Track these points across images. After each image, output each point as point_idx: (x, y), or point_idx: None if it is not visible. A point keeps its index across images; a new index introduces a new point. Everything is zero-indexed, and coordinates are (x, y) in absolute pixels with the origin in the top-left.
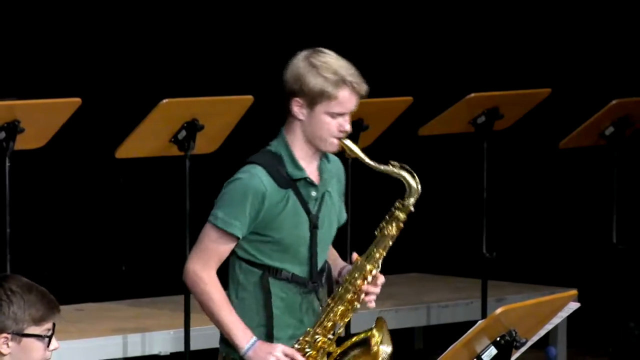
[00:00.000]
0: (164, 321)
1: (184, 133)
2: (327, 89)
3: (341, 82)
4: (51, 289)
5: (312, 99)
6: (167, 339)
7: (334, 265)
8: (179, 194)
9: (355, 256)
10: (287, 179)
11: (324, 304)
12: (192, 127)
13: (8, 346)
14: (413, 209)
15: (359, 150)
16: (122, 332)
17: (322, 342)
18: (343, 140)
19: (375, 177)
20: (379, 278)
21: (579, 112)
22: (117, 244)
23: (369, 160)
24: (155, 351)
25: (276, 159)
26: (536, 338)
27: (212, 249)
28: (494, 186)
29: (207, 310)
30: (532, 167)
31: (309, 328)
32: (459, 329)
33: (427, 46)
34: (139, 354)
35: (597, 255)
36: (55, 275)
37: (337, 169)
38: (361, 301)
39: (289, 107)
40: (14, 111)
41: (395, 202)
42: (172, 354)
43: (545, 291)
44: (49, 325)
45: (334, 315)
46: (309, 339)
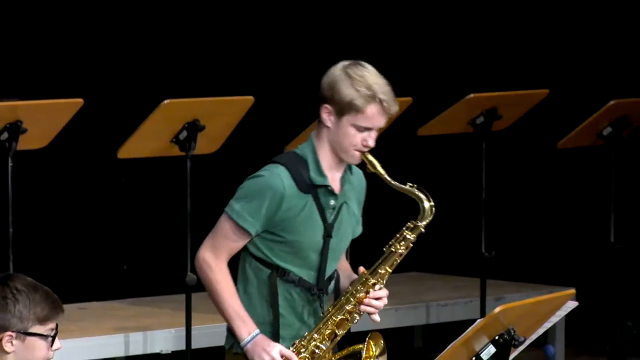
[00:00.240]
0: (165, 320)
1: (185, 133)
2: (356, 102)
3: (372, 98)
4: (54, 287)
5: (341, 109)
6: (169, 338)
7: (347, 277)
8: (180, 194)
9: (361, 269)
10: (309, 183)
11: (325, 311)
12: (193, 128)
13: (12, 344)
14: (424, 230)
15: (380, 166)
16: (124, 331)
17: (317, 347)
18: (366, 155)
19: (390, 194)
20: (381, 294)
21: (576, 113)
22: (119, 243)
23: (388, 178)
24: (156, 350)
25: (301, 162)
26: (535, 336)
27: (225, 240)
28: (492, 186)
29: (213, 298)
30: (531, 167)
31: (307, 332)
32: (458, 327)
33: (427, 47)
34: (141, 352)
35: (595, 254)
36: (58, 274)
37: (359, 182)
38: (361, 314)
39: (319, 113)
40: (17, 111)
41: (408, 223)
42: (174, 353)
43: (544, 290)
44: (52, 325)
45: (332, 323)
46: (304, 342)
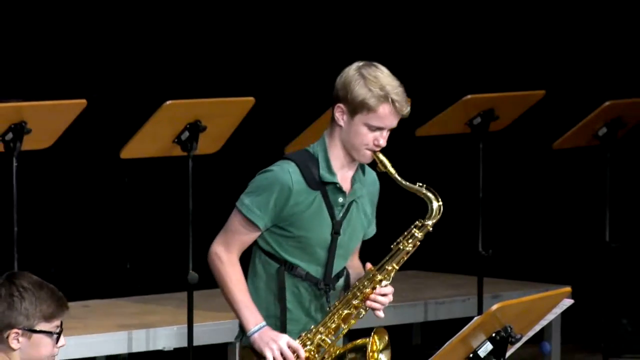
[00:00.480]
0: (167, 317)
1: (186, 134)
2: (368, 101)
3: (384, 97)
4: (58, 285)
5: (353, 108)
6: (171, 335)
7: (357, 275)
8: (182, 194)
9: (368, 266)
10: (318, 180)
11: (332, 306)
12: (195, 128)
13: (18, 341)
14: (431, 229)
15: (391, 166)
16: (127, 328)
17: (322, 341)
18: (377, 154)
19: (399, 193)
20: (387, 290)
21: (572, 114)
22: (122, 242)
23: (399, 177)
24: (159, 346)
25: (312, 159)
26: (531, 334)
27: (235, 233)
28: (489, 186)
29: (223, 290)
30: (527, 167)
31: (313, 326)
32: (455, 325)
33: (425, 49)
34: (144, 349)
35: (590, 253)
36: (62, 273)
37: (373, 184)
38: (367, 310)
39: (333, 112)
40: (21, 112)
41: (416, 221)
42: (176, 350)
43: (540, 288)
44: (58, 322)
45: (338, 317)
46: (310, 336)
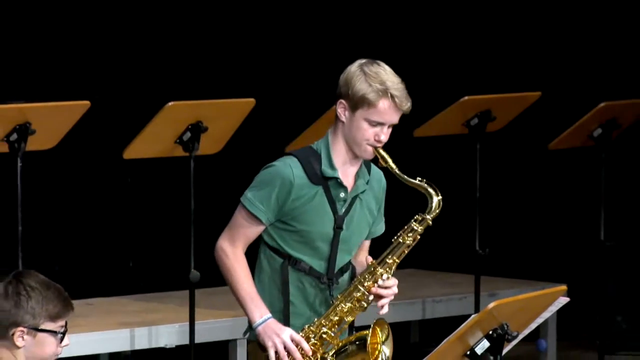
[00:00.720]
0: (169, 315)
1: (188, 134)
2: (368, 96)
3: (384, 93)
4: (61, 283)
5: (354, 103)
6: (173, 332)
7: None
8: (184, 193)
9: (369, 259)
10: (319, 175)
11: (335, 299)
12: (197, 129)
13: (23, 339)
14: (431, 224)
15: (392, 161)
16: (130, 326)
17: (325, 333)
18: (378, 149)
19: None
20: (390, 283)
21: (568, 115)
22: (125, 241)
23: (399, 172)
24: (161, 344)
25: (315, 155)
26: (527, 331)
27: (240, 228)
28: (486, 186)
29: (229, 284)
30: (523, 168)
31: (316, 319)
32: (453, 322)
33: (423, 51)
34: (146, 346)
35: (585, 251)
36: (66, 271)
37: (378, 182)
38: (370, 303)
39: (336, 109)
40: (25, 113)
41: (416, 215)
42: (178, 347)
43: (536, 286)
44: (62, 322)
45: (340, 310)
46: (314, 328)
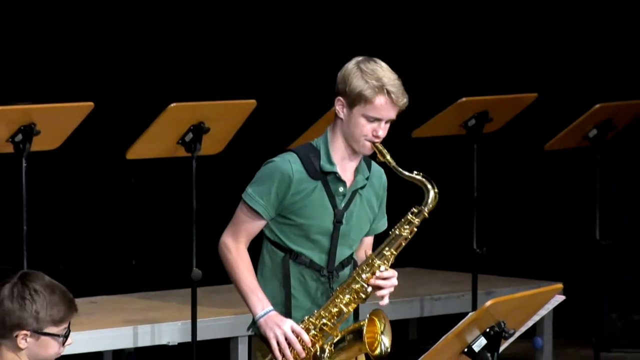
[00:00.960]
0: (172, 313)
1: (190, 135)
2: (365, 92)
3: (380, 89)
4: (66, 282)
5: (352, 100)
6: (175, 330)
7: None
8: (186, 193)
9: (368, 252)
10: (318, 170)
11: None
12: (199, 130)
13: (26, 341)
14: (427, 216)
15: (389, 156)
16: (133, 324)
17: (325, 325)
18: (376, 144)
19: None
20: (389, 274)
21: (563, 116)
22: (128, 240)
23: (396, 166)
24: (164, 341)
25: (314, 151)
26: (524, 329)
27: (242, 223)
28: (483, 185)
29: (232, 278)
30: (520, 168)
31: (316, 311)
32: (451, 320)
33: (421, 53)
34: (149, 344)
35: (581, 250)
36: (70, 270)
37: (378, 179)
38: (369, 294)
39: (334, 106)
40: (30, 114)
41: (412, 208)
42: (180, 344)
43: (533, 285)
44: (66, 325)
45: (339, 302)
46: (313, 320)
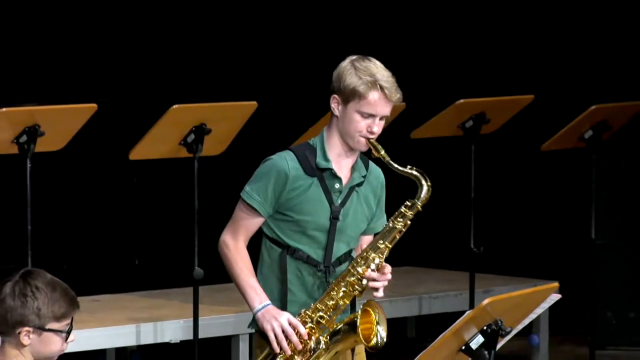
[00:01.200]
0: (174, 311)
1: (192, 136)
2: (358, 88)
3: (373, 85)
4: (69, 281)
5: (346, 97)
6: (178, 328)
7: None
8: (188, 193)
9: (364, 246)
10: (314, 167)
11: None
12: (200, 131)
13: (29, 338)
14: (421, 209)
15: (384, 151)
16: (136, 322)
17: (322, 317)
18: (371, 140)
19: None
20: (385, 268)
21: (560, 117)
22: (131, 239)
23: (391, 161)
24: (166, 339)
25: (310, 149)
26: (520, 327)
27: (240, 220)
28: (481, 186)
29: (231, 275)
30: (517, 168)
31: (312, 304)
32: (448, 318)
33: (419, 55)
34: (152, 341)
35: (576, 249)
36: (74, 269)
37: (376, 178)
38: (364, 288)
39: (330, 104)
40: (35, 116)
41: (406, 201)
42: (182, 342)
43: (529, 283)
44: (68, 321)
45: (335, 294)
46: (309, 313)
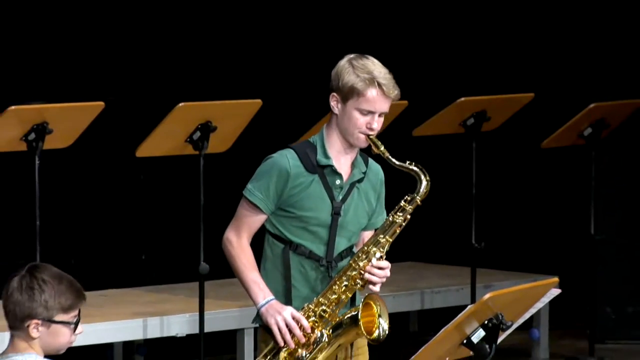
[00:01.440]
0: (180, 306)
1: (198, 134)
2: (357, 86)
3: (371, 82)
4: (77, 276)
5: (345, 95)
6: (184, 322)
7: None
8: (194, 190)
9: (365, 241)
10: (315, 164)
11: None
12: (206, 129)
13: (38, 330)
14: (420, 203)
15: (383, 147)
16: (142, 316)
17: (324, 311)
18: (370, 137)
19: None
20: (384, 264)
21: (559, 115)
22: (138, 235)
23: (390, 156)
24: (172, 333)
25: (310, 146)
26: (521, 321)
27: (243, 218)
28: (482, 182)
29: (235, 272)
30: (517, 165)
31: (315, 298)
32: (450, 313)
33: (421, 54)
34: (158, 335)
35: (576, 245)
36: (81, 264)
37: (375, 175)
38: (365, 281)
39: (329, 102)
40: (43, 114)
41: (406, 195)
42: (188, 336)
43: (529, 278)
44: (75, 313)
45: (337, 288)
46: (312, 306)
